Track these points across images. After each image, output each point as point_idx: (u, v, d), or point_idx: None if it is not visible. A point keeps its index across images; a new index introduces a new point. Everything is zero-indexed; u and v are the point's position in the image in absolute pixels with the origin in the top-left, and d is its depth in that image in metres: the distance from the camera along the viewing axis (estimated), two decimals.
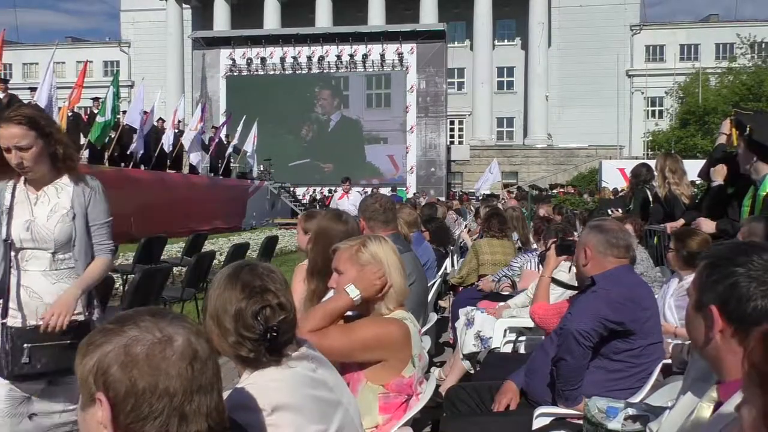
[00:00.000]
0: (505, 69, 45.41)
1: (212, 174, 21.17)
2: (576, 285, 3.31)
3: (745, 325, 1.30)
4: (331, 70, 34.26)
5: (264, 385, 1.50)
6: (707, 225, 4.26)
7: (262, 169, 25.82)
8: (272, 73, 34.46)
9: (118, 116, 16.11)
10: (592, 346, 2.63)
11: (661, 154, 7.24)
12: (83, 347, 1.08)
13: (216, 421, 1.10)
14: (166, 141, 18.13)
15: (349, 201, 12.34)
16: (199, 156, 19.09)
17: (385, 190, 22.71)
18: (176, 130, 18.95)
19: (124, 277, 7.47)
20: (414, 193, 28.34)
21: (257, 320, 1.50)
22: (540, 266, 5.15)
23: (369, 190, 24.84)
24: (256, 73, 34.48)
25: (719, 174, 4.52)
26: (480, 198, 20.20)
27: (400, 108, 33.96)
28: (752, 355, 0.98)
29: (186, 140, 18.84)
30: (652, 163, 6.40)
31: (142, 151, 16.48)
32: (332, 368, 1.76)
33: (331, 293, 2.65)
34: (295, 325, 1.60)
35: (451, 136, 42.96)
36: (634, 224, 5.02)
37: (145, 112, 17.24)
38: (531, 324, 3.62)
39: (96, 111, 15.56)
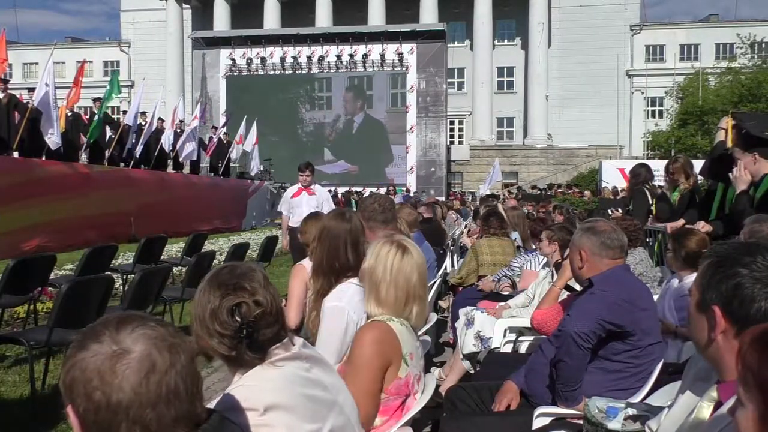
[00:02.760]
0: (505, 69, 45.36)
1: (212, 174, 21.17)
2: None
3: (748, 326, 1.28)
4: (331, 70, 34.26)
5: (255, 385, 1.50)
6: (706, 228, 4.26)
7: (262, 169, 25.81)
8: (272, 73, 34.45)
9: (118, 117, 16.10)
10: (590, 347, 2.62)
11: (681, 156, 7.22)
12: (63, 360, 1.12)
13: (190, 428, 1.11)
14: (166, 141, 18.11)
15: (308, 201, 8.17)
16: (192, 147, 19.03)
17: (383, 190, 22.71)
18: (177, 130, 18.95)
19: (124, 277, 7.47)
20: (422, 192, 28.37)
21: (232, 317, 1.50)
22: (548, 270, 5.15)
23: (378, 189, 24.90)
24: (256, 73, 34.48)
25: (743, 182, 4.27)
26: (480, 198, 20.22)
27: (381, 108, 34.24)
28: (746, 358, 0.97)
29: (182, 137, 18.86)
30: (651, 163, 6.42)
31: (130, 149, 16.31)
32: (329, 368, 1.75)
33: (333, 292, 2.66)
34: (278, 321, 1.59)
35: (451, 136, 42.94)
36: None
37: (143, 113, 17.20)
38: None
39: (96, 111, 15.56)
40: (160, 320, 1.16)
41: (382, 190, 26.92)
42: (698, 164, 5.92)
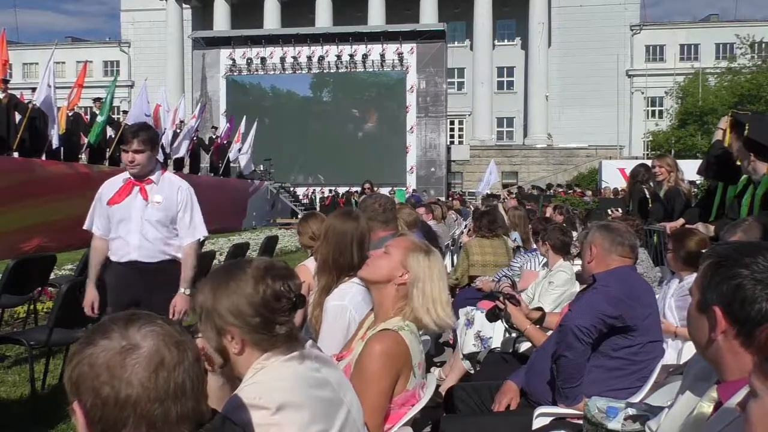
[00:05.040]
0: (505, 69, 45.38)
1: (212, 174, 21.18)
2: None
3: (749, 327, 1.29)
4: (331, 70, 34.26)
5: (268, 384, 1.50)
6: (705, 230, 4.26)
7: (262, 169, 25.82)
8: (272, 73, 34.46)
9: (118, 117, 16.12)
10: (591, 342, 2.64)
11: (665, 154, 7.31)
12: (69, 357, 1.11)
13: (193, 427, 1.11)
14: (166, 141, 18.12)
15: (144, 212, 3.76)
16: (187, 145, 19.07)
17: (385, 190, 22.66)
18: (177, 130, 18.97)
19: None
20: (423, 192, 28.36)
21: (286, 290, 1.53)
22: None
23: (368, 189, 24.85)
24: (256, 73, 34.48)
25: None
26: (482, 197, 20.16)
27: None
28: (766, 348, 0.96)
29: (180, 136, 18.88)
30: (651, 163, 6.43)
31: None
32: (336, 368, 1.76)
33: (336, 291, 2.66)
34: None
35: (451, 136, 42.93)
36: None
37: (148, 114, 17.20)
38: None
39: (97, 111, 15.58)
40: (167, 319, 1.16)
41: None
42: (698, 165, 5.93)
